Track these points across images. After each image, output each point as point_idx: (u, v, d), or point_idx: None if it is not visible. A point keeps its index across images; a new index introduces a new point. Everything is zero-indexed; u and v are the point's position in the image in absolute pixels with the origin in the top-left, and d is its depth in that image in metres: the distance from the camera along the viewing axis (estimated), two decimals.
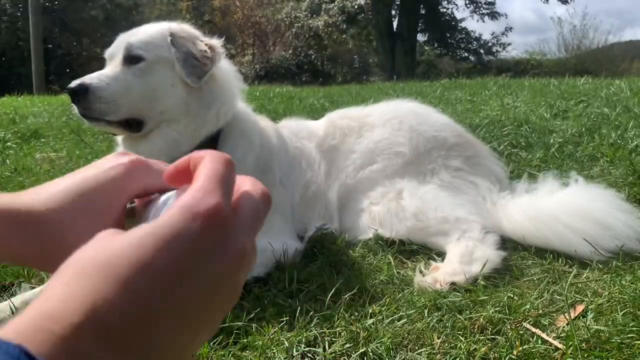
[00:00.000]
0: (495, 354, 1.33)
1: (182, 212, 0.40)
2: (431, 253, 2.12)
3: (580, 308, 1.55)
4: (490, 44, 25.46)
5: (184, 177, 0.50)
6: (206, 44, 2.06)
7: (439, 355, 1.35)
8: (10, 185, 3.35)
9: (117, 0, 27.86)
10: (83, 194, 0.55)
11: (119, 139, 2.13)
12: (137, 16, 27.08)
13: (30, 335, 0.31)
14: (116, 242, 0.38)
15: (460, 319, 1.50)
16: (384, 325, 1.49)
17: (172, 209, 0.41)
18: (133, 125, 1.98)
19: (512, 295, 1.64)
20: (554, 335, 1.41)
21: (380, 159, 2.41)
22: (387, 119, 2.53)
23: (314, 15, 22.90)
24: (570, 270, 1.83)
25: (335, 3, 22.08)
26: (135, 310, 0.35)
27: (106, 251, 0.37)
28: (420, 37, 25.63)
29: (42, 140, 5.09)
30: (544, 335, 1.40)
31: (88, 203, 0.55)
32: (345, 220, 2.38)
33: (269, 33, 25.87)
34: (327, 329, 1.48)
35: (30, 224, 0.53)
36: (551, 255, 1.96)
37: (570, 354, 1.29)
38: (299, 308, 1.58)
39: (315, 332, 1.46)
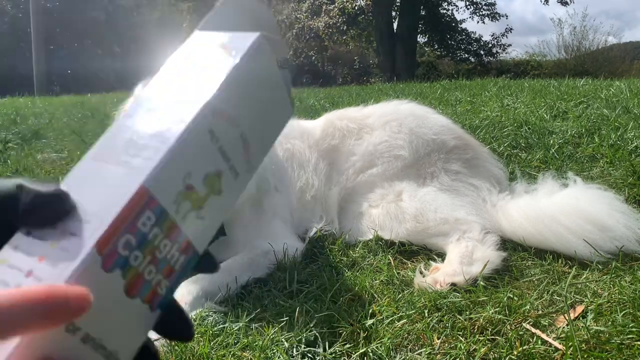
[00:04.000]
0: (495, 355, 1.33)
1: None
2: (431, 254, 2.12)
3: (580, 309, 1.55)
4: (490, 45, 25.41)
5: None
6: None
7: (439, 355, 1.35)
8: None
9: (118, 1, 27.87)
10: None
11: None
12: (138, 17, 27.09)
13: None
14: None
15: (460, 319, 1.51)
16: (384, 325, 1.50)
17: None
18: None
19: (512, 296, 1.64)
20: (553, 335, 1.42)
21: (380, 162, 2.41)
22: (387, 121, 2.53)
23: (315, 17, 22.88)
24: (570, 271, 1.83)
25: (336, 4, 22.06)
26: None
27: None
28: (421, 39, 25.59)
29: (44, 140, 5.10)
30: (543, 336, 1.40)
31: None
32: (345, 224, 2.37)
33: None
34: (327, 329, 1.49)
35: None
36: (551, 256, 1.96)
37: (570, 354, 1.30)
38: (299, 308, 1.59)
39: (315, 332, 1.46)
